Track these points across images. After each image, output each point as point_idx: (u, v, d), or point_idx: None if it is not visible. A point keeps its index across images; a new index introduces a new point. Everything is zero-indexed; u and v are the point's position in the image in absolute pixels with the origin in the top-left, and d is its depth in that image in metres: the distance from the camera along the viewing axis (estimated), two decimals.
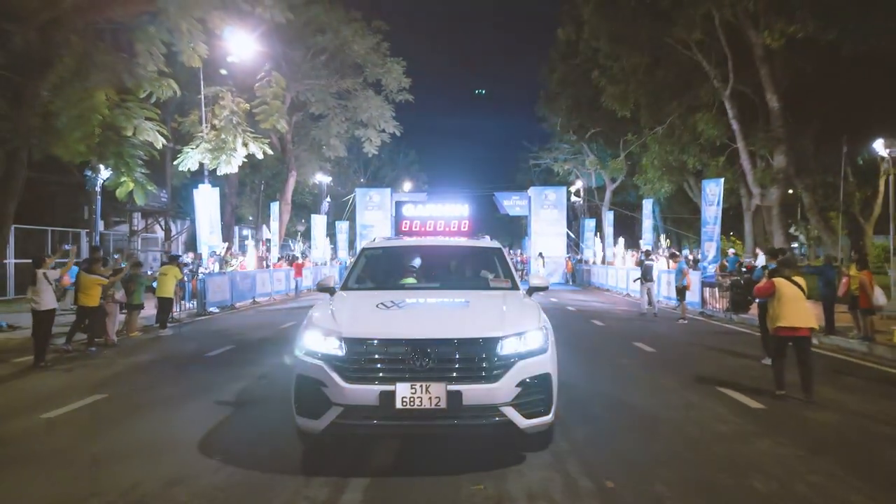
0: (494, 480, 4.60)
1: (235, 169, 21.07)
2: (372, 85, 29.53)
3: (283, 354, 8.92)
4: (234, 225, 33.71)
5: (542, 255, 33.23)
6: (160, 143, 16.47)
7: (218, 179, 23.15)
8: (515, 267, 6.91)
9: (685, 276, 16.04)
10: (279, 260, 28.15)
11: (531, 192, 37.07)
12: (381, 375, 4.58)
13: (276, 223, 30.10)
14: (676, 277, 16.49)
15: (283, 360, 8.47)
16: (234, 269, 21.71)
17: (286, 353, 4.62)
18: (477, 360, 4.63)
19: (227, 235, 26.83)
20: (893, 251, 15.83)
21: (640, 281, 17.51)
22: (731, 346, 11.64)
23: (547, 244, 34.59)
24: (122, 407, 7.08)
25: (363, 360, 4.63)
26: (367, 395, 4.50)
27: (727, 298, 16.26)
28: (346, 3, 26.92)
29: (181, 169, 20.63)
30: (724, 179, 19.35)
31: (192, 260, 20.56)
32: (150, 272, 18.20)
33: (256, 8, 17.29)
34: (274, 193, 36.16)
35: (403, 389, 4.45)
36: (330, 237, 37.25)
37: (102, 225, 23.61)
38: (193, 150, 19.79)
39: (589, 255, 35.60)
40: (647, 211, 29.15)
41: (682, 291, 15.94)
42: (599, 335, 13.40)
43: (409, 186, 51.54)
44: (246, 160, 21.20)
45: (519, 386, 4.60)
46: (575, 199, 42.66)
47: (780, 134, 21.35)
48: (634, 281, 19.84)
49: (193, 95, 20.42)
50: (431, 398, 4.44)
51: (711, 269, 18.39)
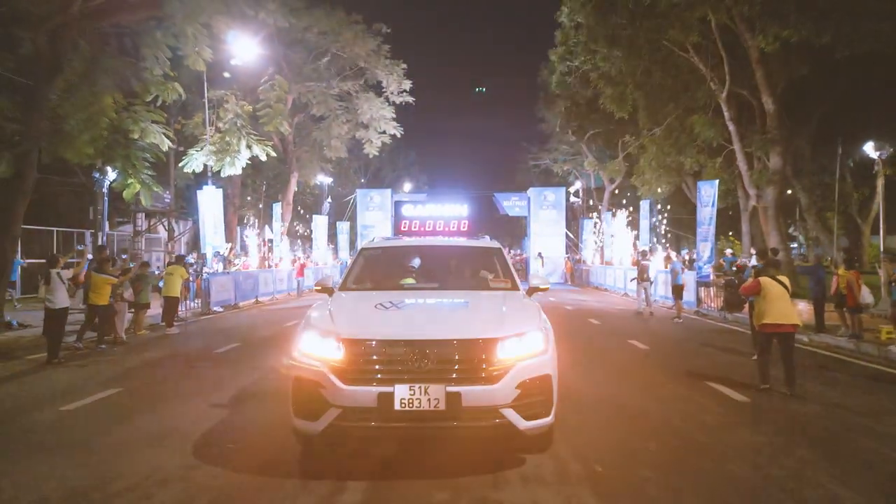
0: (488, 465, 4.85)
1: (239, 171, 21.41)
2: (373, 87, 29.80)
3: (287, 351, 9.20)
4: (236, 225, 33.97)
5: (541, 255, 33.57)
6: (166, 145, 16.80)
7: (220, 180, 23.46)
8: (514, 267, 7.07)
9: (678, 275, 16.35)
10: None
11: (530, 192, 37.42)
12: (379, 377, 4.52)
13: (277, 223, 30.38)
14: (671, 277, 16.82)
15: (286, 357, 8.74)
16: (237, 268, 22.03)
17: (289, 350, 4.80)
18: (476, 361, 4.56)
19: (229, 236, 27.15)
20: (882, 251, 16.13)
21: (636, 280, 17.86)
22: (723, 343, 11.96)
23: (546, 244, 34.90)
24: (136, 400, 7.40)
25: (361, 361, 4.57)
26: (365, 396, 4.45)
27: (722, 297, 16.60)
28: (346, 6, 27.21)
29: (186, 170, 20.95)
30: (721, 180, 19.57)
31: (195, 260, 20.88)
32: (156, 272, 18.51)
33: (259, 13, 17.67)
34: (276, 194, 36.41)
35: (402, 391, 4.40)
36: (331, 237, 37.55)
37: (107, 226, 23.92)
38: (198, 151, 20.11)
39: (588, 255, 35.89)
40: (644, 211, 29.43)
41: (677, 291, 16.27)
42: (595, 333, 13.70)
43: (409, 187, 51.83)
44: (249, 161, 21.54)
45: (519, 387, 4.53)
46: (574, 199, 42.95)
47: (776, 136, 21.60)
48: (632, 280, 20.17)
49: (196, 98, 20.74)
50: (430, 400, 4.39)
51: (707, 268, 18.72)
